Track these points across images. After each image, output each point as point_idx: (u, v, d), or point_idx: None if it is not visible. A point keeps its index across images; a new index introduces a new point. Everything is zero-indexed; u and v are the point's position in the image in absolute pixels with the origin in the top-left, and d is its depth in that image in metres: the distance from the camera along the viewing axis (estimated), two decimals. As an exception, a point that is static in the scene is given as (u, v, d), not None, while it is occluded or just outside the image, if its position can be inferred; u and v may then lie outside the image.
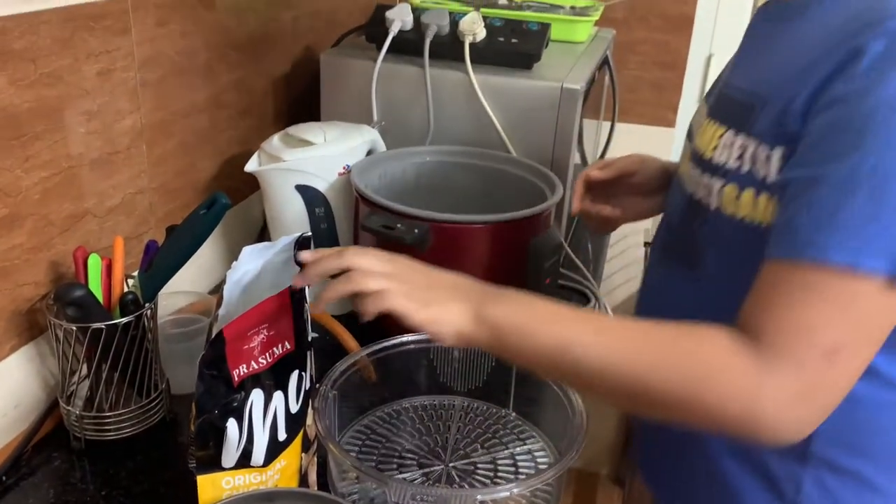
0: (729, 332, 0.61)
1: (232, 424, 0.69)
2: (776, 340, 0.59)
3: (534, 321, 0.66)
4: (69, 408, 0.86)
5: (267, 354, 0.71)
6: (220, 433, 0.69)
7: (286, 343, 0.73)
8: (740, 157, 0.69)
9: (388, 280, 0.67)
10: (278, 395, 0.72)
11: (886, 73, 0.58)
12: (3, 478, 0.82)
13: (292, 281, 0.71)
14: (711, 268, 0.75)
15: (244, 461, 0.71)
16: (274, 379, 0.72)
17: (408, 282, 0.67)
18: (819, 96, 0.62)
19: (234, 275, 0.75)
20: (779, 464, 0.75)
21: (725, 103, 0.76)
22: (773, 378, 0.59)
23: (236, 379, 0.69)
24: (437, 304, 0.66)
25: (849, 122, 0.59)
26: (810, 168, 0.61)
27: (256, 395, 0.70)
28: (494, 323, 0.65)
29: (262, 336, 0.70)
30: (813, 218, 0.59)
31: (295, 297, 0.73)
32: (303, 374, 0.76)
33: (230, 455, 0.70)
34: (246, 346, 0.69)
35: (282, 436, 0.74)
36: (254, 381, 0.70)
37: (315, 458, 0.81)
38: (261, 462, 0.72)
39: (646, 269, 0.90)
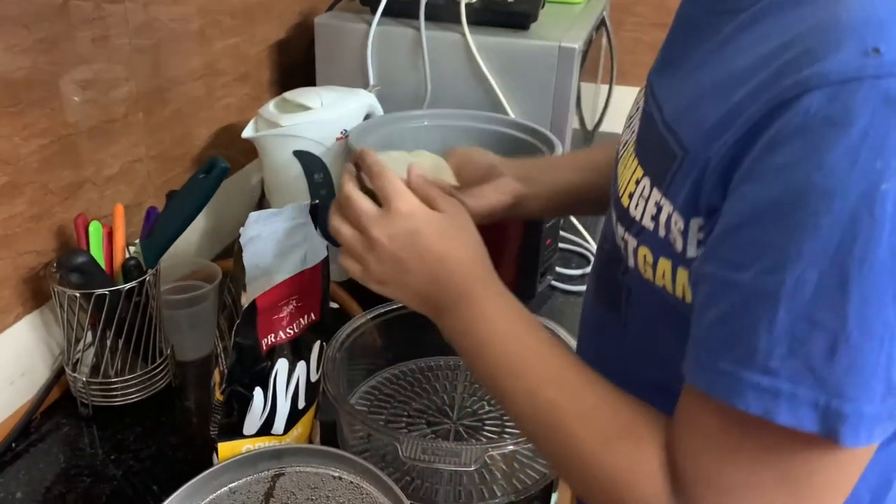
0: (660, 462, 0.51)
1: (258, 393, 0.70)
2: (694, 494, 0.49)
3: (483, 351, 0.61)
4: (76, 374, 0.86)
5: (294, 325, 0.72)
6: (246, 401, 0.70)
7: (312, 314, 0.73)
8: (655, 217, 0.54)
9: (358, 250, 0.65)
10: (301, 365, 0.73)
11: (819, 145, 0.41)
12: (14, 445, 0.82)
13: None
14: (633, 320, 0.63)
15: (265, 429, 0.72)
16: (298, 349, 0.73)
17: (374, 257, 0.64)
18: (738, 160, 0.46)
19: (243, 241, 0.75)
20: None
21: (649, 132, 0.58)
22: None
23: (264, 348, 0.69)
24: (396, 290, 0.65)
25: (771, 210, 0.43)
26: (724, 267, 0.46)
27: (281, 365, 0.71)
28: (445, 332, 0.64)
29: (291, 307, 0.71)
30: (726, 340, 0.45)
31: (325, 271, 0.73)
32: (324, 343, 0.76)
33: (253, 423, 0.71)
34: (276, 317, 0.69)
35: (301, 404, 0.75)
36: (279, 350, 0.71)
37: (318, 421, 0.81)
38: (281, 430, 0.73)
39: (585, 294, 0.77)
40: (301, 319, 0.72)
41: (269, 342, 0.69)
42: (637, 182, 0.57)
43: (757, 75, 0.46)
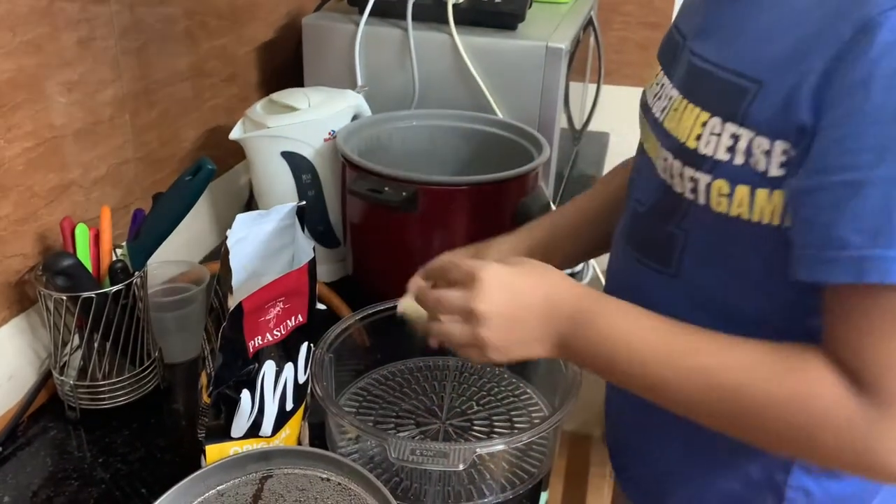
0: (831, 372, 0.56)
1: (245, 395, 0.70)
2: (882, 384, 0.54)
3: (619, 356, 0.63)
4: (63, 378, 0.86)
5: (281, 327, 0.71)
6: (233, 404, 0.70)
7: (299, 316, 0.73)
8: (731, 148, 0.60)
9: (471, 334, 0.66)
10: (289, 367, 0.73)
11: None
12: (1, 449, 0.82)
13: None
14: (688, 266, 0.68)
15: (253, 431, 0.72)
16: (285, 350, 0.73)
17: (490, 329, 0.65)
18: (832, 80, 0.53)
19: (230, 243, 0.75)
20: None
21: (704, 82, 0.64)
22: (887, 428, 0.54)
23: (251, 350, 0.69)
24: (520, 348, 0.67)
25: (885, 110, 0.51)
26: (848, 171, 0.52)
27: (269, 367, 0.71)
28: (577, 360, 0.66)
29: (277, 309, 0.70)
30: (869, 231, 0.51)
31: (312, 272, 0.73)
32: (311, 345, 0.76)
33: (240, 425, 0.71)
34: (262, 319, 0.69)
35: (289, 406, 0.74)
36: (267, 352, 0.71)
37: (307, 423, 0.81)
38: (269, 433, 0.73)
39: (610, 258, 0.81)
40: (288, 321, 0.72)
41: (256, 344, 0.69)
42: (704, 124, 0.62)
43: (829, 3, 0.54)
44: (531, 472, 0.81)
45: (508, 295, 0.66)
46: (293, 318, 0.72)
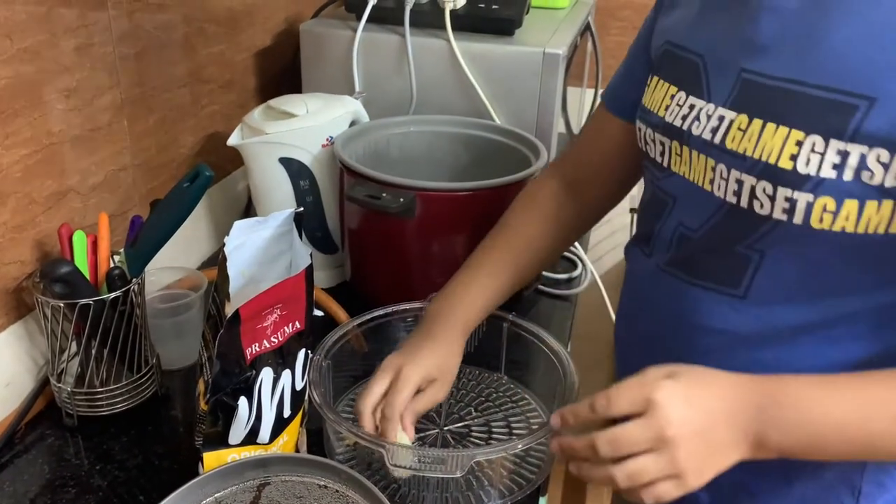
0: None
1: (243, 402, 0.69)
2: None
3: (821, 437, 0.60)
4: (60, 385, 0.86)
5: (278, 334, 0.71)
6: (230, 411, 0.70)
7: (297, 323, 0.73)
8: (839, 165, 0.59)
9: (668, 464, 0.60)
10: (286, 374, 0.73)
11: None
12: (-3, 456, 0.82)
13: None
14: (762, 286, 0.67)
15: (251, 438, 0.72)
16: (283, 357, 0.72)
17: (688, 451, 0.59)
18: None
19: (228, 250, 0.75)
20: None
21: (785, 100, 0.62)
22: None
23: (248, 357, 0.69)
24: (717, 461, 0.61)
25: None
26: None
27: (266, 374, 0.71)
28: (779, 450, 0.61)
29: (275, 316, 0.70)
30: None
31: (309, 279, 0.73)
32: (309, 351, 0.76)
33: (238, 432, 0.71)
34: (259, 326, 0.69)
35: (287, 413, 0.74)
36: (264, 359, 0.70)
37: (304, 429, 0.81)
38: (266, 439, 0.73)
39: (636, 280, 0.81)
40: (286, 328, 0.72)
41: (254, 351, 0.69)
42: (799, 143, 0.61)
43: None
44: (529, 479, 0.81)
45: (691, 410, 0.60)
46: (290, 324, 0.72)
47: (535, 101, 1.21)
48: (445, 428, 0.88)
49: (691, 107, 0.69)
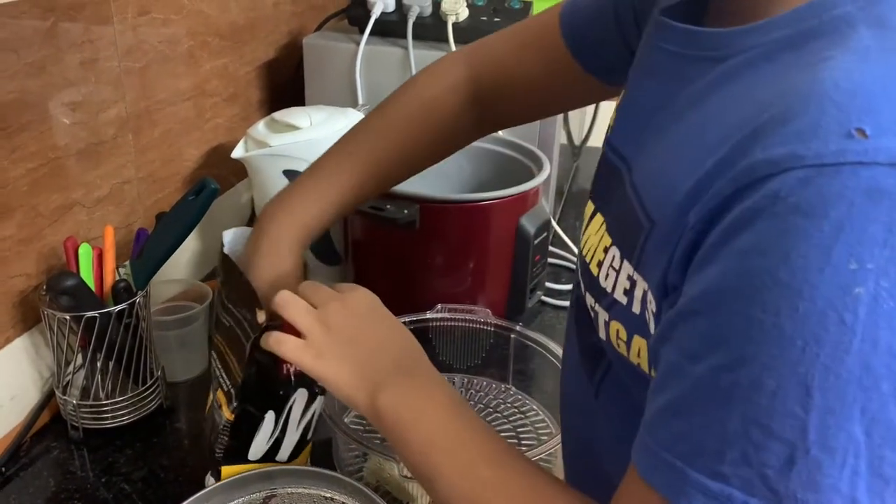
0: None
1: (269, 417, 0.68)
2: None
3: (412, 426, 0.56)
4: (66, 397, 0.86)
5: None
6: (255, 424, 0.68)
7: None
8: (629, 292, 0.49)
9: (315, 315, 0.61)
10: (320, 400, 0.71)
11: (787, 236, 0.36)
12: (3, 469, 0.82)
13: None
14: (605, 390, 0.57)
15: (270, 455, 0.70)
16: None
17: (329, 330, 0.60)
18: (700, 240, 0.40)
19: (233, 257, 0.74)
20: None
21: (611, 188, 0.53)
22: None
23: (284, 371, 0.67)
24: (336, 363, 0.59)
25: (730, 300, 0.38)
26: (677, 352, 0.41)
27: (300, 395, 0.69)
28: (376, 409, 0.58)
29: None
30: (673, 430, 0.40)
31: None
32: None
33: (259, 448, 0.69)
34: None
35: (309, 435, 0.73)
36: (301, 379, 0.68)
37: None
38: (285, 458, 0.71)
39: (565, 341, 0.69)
40: None
41: (291, 367, 0.67)
42: (605, 250, 0.52)
43: (729, 142, 0.39)
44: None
45: (367, 307, 0.63)
46: None
47: (537, 113, 1.21)
48: (450, 439, 0.88)
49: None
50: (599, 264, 0.53)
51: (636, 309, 0.48)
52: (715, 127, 0.42)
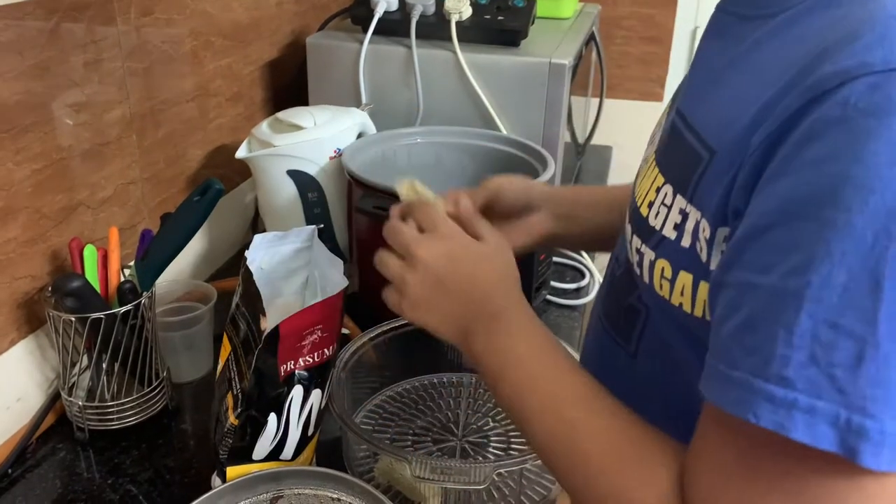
0: (671, 485, 0.48)
1: (272, 418, 0.69)
2: None
3: (501, 370, 0.59)
4: (71, 399, 0.85)
5: (315, 354, 0.71)
6: (259, 426, 0.69)
7: (333, 346, 0.73)
8: (679, 226, 0.51)
9: (400, 274, 0.64)
10: (316, 393, 0.72)
11: (858, 137, 0.38)
12: (10, 471, 0.82)
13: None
14: (644, 348, 0.59)
15: (274, 455, 0.72)
16: (314, 376, 0.72)
17: (416, 279, 0.63)
18: (769, 158, 0.42)
19: (252, 266, 0.75)
20: None
21: (672, 141, 0.55)
22: None
23: (282, 374, 0.69)
24: (432, 316, 0.63)
25: (803, 206, 0.39)
26: (748, 270, 0.42)
27: (297, 392, 0.70)
28: (475, 355, 0.61)
29: (315, 336, 0.70)
30: (744, 348, 0.41)
31: (346, 300, 0.73)
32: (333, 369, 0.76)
33: (263, 448, 0.71)
34: (298, 344, 0.69)
35: (311, 431, 0.74)
36: (296, 377, 0.70)
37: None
38: (289, 456, 0.73)
39: (586, 330, 0.73)
40: (325, 350, 0.71)
41: (287, 369, 0.69)
42: (657, 190, 0.54)
43: (792, 69, 0.42)
44: (548, 488, 0.81)
45: (448, 260, 0.62)
46: (329, 347, 0.72)
47: (541, 112, 1.21)
48: (464, 439, 0.88)
49: (655, 132, 0.66)
50: (650, 205, 0.55)
51: (685, 242, 0.50)
52: (775, 62, 0.46)
